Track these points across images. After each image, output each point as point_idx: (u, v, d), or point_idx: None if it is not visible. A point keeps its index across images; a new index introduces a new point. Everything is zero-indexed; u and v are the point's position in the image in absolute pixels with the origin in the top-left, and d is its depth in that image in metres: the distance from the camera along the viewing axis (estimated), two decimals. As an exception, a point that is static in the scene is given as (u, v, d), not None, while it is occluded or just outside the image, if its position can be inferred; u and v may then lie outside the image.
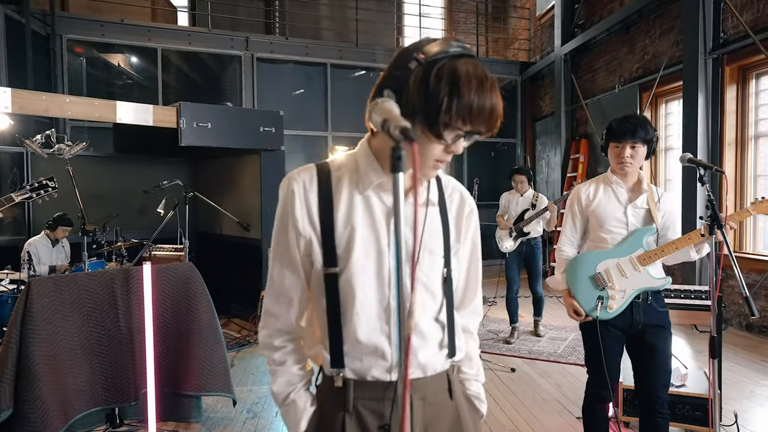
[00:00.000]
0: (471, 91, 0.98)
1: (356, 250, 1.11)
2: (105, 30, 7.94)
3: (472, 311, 1.35)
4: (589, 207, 2.40)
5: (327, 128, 9.06)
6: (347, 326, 1.12)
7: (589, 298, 2.32)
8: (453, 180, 1.28)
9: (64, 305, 2.89)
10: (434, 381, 1.19)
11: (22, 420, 2.69)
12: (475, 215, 1.28)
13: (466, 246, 1.28)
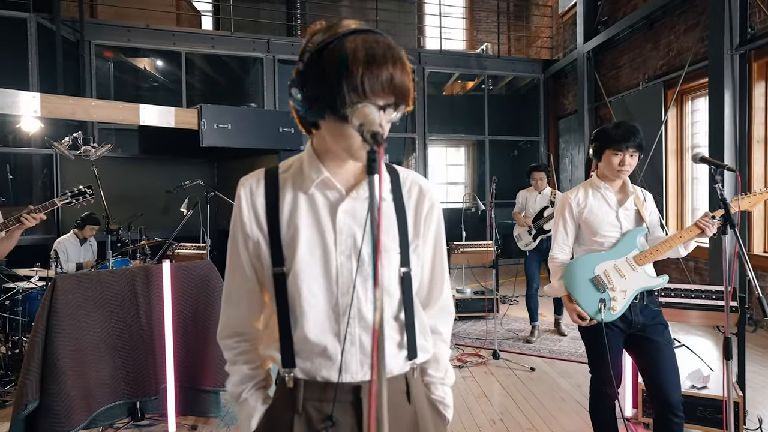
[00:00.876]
0: (359, 66, 0.95)
1: (300, 248, 1.10)
2: (131, 35, 8.13)
3: (441, 309, 1.28)
4: (582, 214, 2.41)
5: (348, 129, 9.11)
6: (296, 326, 1.11)
7: (592, 301, 2.31)
8: (413, 174, 1.23)
9: (88, 301, 2.98)
10: (391, 384, 1.14)
11: (47, 412, 2.78)
12: (437, 210, 1.22)
13: (427, 242, 1.22)
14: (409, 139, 9.82)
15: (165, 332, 3.08)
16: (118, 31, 8.08)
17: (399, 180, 1.18)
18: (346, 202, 1.11)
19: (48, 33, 7.25)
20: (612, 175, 2.35)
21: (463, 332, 5.37)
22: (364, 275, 1.10)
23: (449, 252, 6.01)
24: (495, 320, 4.97)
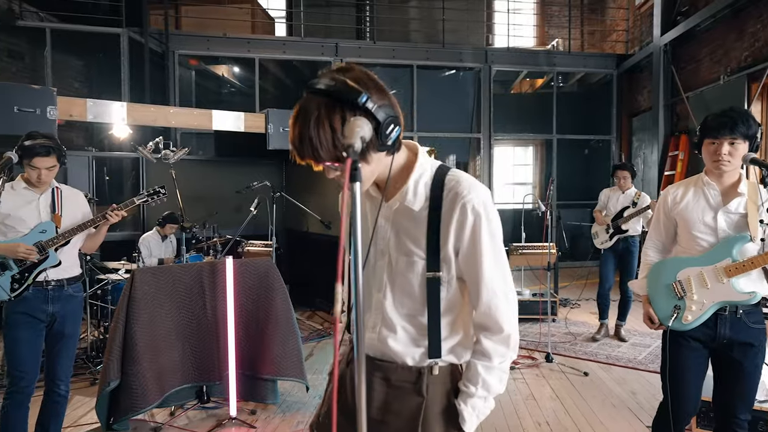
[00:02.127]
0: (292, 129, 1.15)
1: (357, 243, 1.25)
2: (210, 44, 8.70)
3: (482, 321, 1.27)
4: (676, 210, 2.24)
5: (413, 128, 9.23)
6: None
7: (665, 306, 2.20)
8: (459, 179, 1.25)
9: (161, 293, 3.31)
10: (402, 371, 1.30)
11: (126, 390, 3.13)
12: (472, 217, 1.21)
13: (462, 249, 1.25)
14: (474, 139, 9.78)
15: (228, 323, 3.36)
16: (199, 41, 8.67)
17: (443, 186, 1.24)
18: (385, 209, 1.28)
19: (138, 46, 7.94)
20: (711, 167, 2.14)
21: (519, 334, 5.34)
22: (391, 276, 1.29)
23: (508, 253, 5.99)
24: (551, 323, 4.92)
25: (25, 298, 2.63)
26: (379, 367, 1.31)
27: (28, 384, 2.63)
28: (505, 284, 1.27)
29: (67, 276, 2.77)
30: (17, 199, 2.65)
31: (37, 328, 2.67)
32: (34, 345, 2.66)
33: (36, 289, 2.65)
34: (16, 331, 2.62)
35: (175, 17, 9.22)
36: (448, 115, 9.74)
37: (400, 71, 9.32)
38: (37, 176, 2.61)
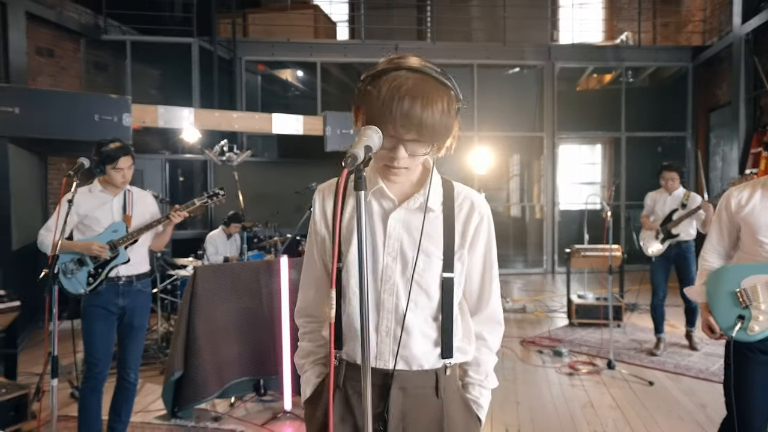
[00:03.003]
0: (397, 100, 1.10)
1: (353, 248, 1.25)
2: (275, 50, 9.00)
3: (487, 318, 1.36)
4: (740, 213, 2.11)
5: (473, 128, 9.12)
6: (344, 314, 1.28)
7: (728, 315, 2.07)
8: (467, 190, 1.34)
9: (221, 289, 3.48)
10: (418, 376, 1.27)
11: (189, 380, 3.31)
12: (486, 223, 1.31)
13: (476, 253, 1.32)
14: (537, 138, 9.53)
15: (282, 319, 3.47)
16: (264, 47, 8.99)
17: (453, 194, 1.31)
18: (398, 211, 1.26)
19: (207, 54, 8.34)
20: None
21: (579, 339, 5.16)
22: (406, 276, 1.25)
23: (569, 256, 5.79)
24: (614, 329, 4.71)
25: (99, 293, 2.84)
26: (395, 378, 1.26)
27: (102, 370, 2.84)
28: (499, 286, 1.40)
29: (137, 272, 2.95)
30: (94, 201, 2.87)
31: (110, 320, 2.87)
32: (107, 335, 2.87)
33: (109, 284, 2.85)
34: (92, 322, 2.83)
35: (242, 25, 9.61)
36: (509, 115, 9.56)
37: (460, 71, 9.24)
38: (122, 176, 2.82)
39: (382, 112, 1.11)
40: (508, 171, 10.54)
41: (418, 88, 1.12)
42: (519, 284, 8.37)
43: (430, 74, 1.15)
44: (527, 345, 5.03)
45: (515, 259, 9.85)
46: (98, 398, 2.85)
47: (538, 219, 9.79)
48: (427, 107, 1.11)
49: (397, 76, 1.12)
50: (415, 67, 1.15)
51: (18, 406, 3.24)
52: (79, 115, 4.45)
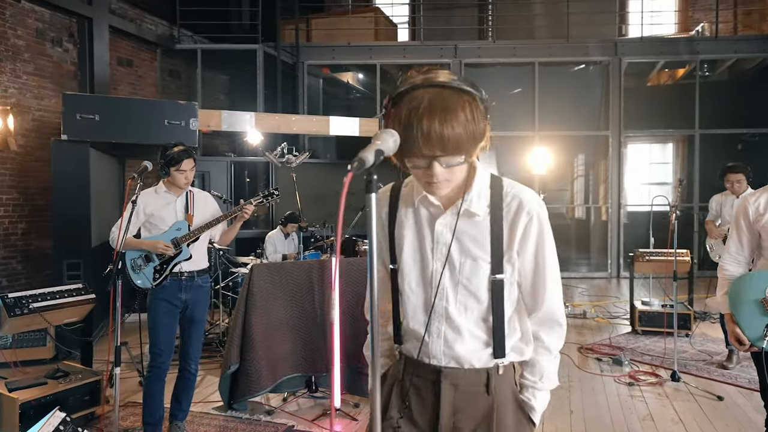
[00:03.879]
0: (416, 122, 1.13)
1: (405, 252, 1.34)
2: (335, 53, 9.18)
3: (543, 318, 1.36)
4: (759, 221, 2.10)
5: (534, 128, 8.91)
6: (401, 314, 1.37)
7: (755, 325, 2.02)
8: (517, 188, 1.31)
9: (275, 287, 3.61)
10: (470, 374, 1.32)
11: (244, 374, 3.46)
12: (536, 222, 1.29)
13: (526, 252, 1.31)
14: (603, 137, 9.16)
15: (333, 318, 3.56)
16: (325, 51, 9.20)
17: (502, 193, 1.31)
18: (444, 216, 1.30)
19: (271, 59, 8.64)
20: None
21: (642, 348, 4.92)
22: (454, 280, 1.30)
23: (632, 260, 5.54)
24: (681, 338, 4.46)
25: (164, 287, 3.03)
26: (446, 375, 1.32)
27: (165, 360, 3.02)
28: (559, 285, 1.38)
29: (197, 268, 3.12)
30: (159, 201, 3.07)
31: (173, 313, 3.06)
32: (170, 327, 3.06)
33: (172, 279, 3.04)
34: (156, 315, 3.02)
35: (305, 30, 9.87)
36: (572, 113, 9.25)
37: (520, 70, 9.05)
38: (184, 178, 3.01)
39: (407, 135, 1.14)
40: (572, 171, 10.20)
41: (435, 104, 1.14)
42: (581, 289, 8.08)
43: (447, 86, 1.16)
44: (585, 352, 4.86)
45: (578, 263, 9.52)
46: (161, 386, 3.04)
47: (603, 221, 9.42)
48: (446, 122, 1.13)
49: (414, 97, 1.15)
50: (432, 82, 1.16)
51: (92, 391, 3.50)
52: (151, 120, 4.75)
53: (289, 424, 3.40)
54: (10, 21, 6.26)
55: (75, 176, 4.66)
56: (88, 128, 4.60)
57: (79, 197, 4.70)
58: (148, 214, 3.04)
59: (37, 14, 6.60)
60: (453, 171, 1.21)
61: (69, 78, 7.02)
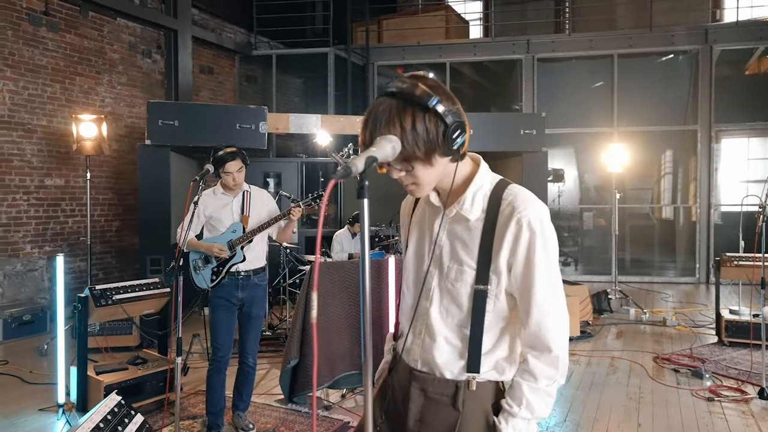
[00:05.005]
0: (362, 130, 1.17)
1: (409, 250, 1.37)
2: (405, 53, 9.22)
3: (531, 339, 1.23)
4: None
5: (613, 124, 8.46)
6: (400, 310, 1.41)
7: None
8: (516, 193, 1.23)
9: (333, 285, 3.69)
10: (439, 383, 1.28)
11: (303, 369, 3.57)
12: (527, 231, 1.18)
13: (516, 263, 1.21)
14: (690, 132, 8.53)
15: (389, 316, 3.58)
16: (395, 51, 9.26)
17: (500, 198, 1.24)
18: (441, 217, 1.29)
19: (342, 61, 8.83)
20: None
21: (728, 360, 4.54)
22: (441, 283, 1.28)
23: (719, 264, 5.12)
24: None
25: (223, 286, 3.16)
26: (417, 378, 1.30)
27: (224, 354, 3.17)
28: (557, 304, 1.23)
29: (254, 267, 3.23)
30: (217, 203, 3.20)
31: (232, 310, 3.19)
32: (229, 323, 3.19)
33: (230, 278, 3.16)
34: (217, 312, 3.16)
35: (377, 32, 10.00)
36: (655, 107, 8.68)
37: (597, 63, 8.62)
38: (231, 179, 3.10)
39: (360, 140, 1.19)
40: (658, 169, 9.58)
41: (376, 112, 1.15)
42: (665, 294, 7.58)
43: (395, 95, 1.14)
44: (661, 362, 4.56)
45: (663, 266, 8.93)
46: (222, 378, 3.19)
47: (692, 222, 8.77)
48: (376, 131, 1.13)
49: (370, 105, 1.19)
50: (384, 91, 1.17)
51: (166, 379, 3.77)
52: (224, 124, 5.02)
53: (345, 421, 3.46)
54: (107, 37, 6.85)
55: (157, 178, 5.02)
56: (168, 133, 4.93)
57: (160, 197, 5.05)
58: (208, 216, 3.16)
59: (130, 29, 7.17)
60: (415, 175, 1.19)
61: (157, 86, 7.56)
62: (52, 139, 6.18)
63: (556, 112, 8.60)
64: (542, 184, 5.75)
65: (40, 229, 6.16)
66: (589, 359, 4.72)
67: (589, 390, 4.00)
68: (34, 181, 6.07)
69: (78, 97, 6.47)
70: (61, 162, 6.28)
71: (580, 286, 5.91)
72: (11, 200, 5.86)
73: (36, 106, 6.05)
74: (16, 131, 5.88)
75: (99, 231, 6.76)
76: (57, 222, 6.32)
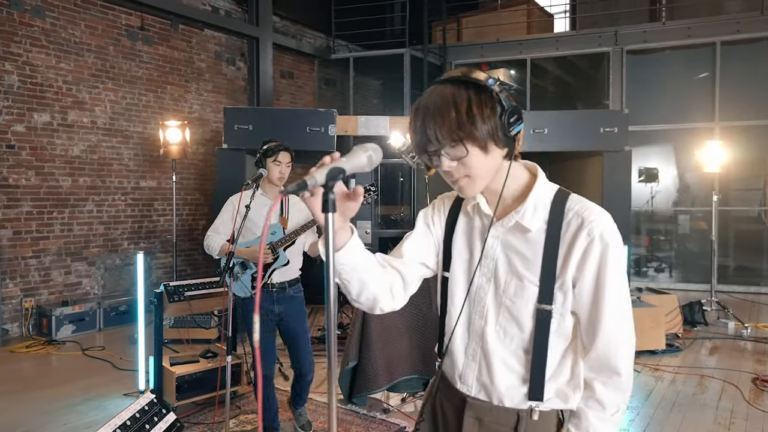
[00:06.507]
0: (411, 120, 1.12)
1: (454, 262, 1.23)
2: (484, 51, 9.00)
3: (597, 363, 1.14)
4: None
5: (714, 118, 7.72)
6: (445, 327, 1.26)
7: None
8: (582, 204, 1.14)
9: (392, 288, 3.66)
10: (498, 411, 1.17)
11: (362, 371, 3.58)
12: (598, 245, 1.09)
13: (584, 280, 1.11)
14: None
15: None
16: (473, 49, 9.07)
17: (564, 208, 1.15)
18: (495, 228, 1.18)
19: (418, 62, 8.79)
20: None
21: (844, 387, 3.97)
22: (498, 300, 1.17)
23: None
24: None
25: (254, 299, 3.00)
26: (471, 406, 1.20)
27: (267, 371, 3.05)
28: (628, 325, 1.14)
29: (289, 278, 3.06)
30: (256, 204, 3.02)
31: (269, 324, 3.04)
32: (268, 338, 3.05)
33: (264, 290, 2.96)
34: (251, 323, 2.96)
35: (456, 30, 9.84)
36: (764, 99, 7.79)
37: (695, 53, 7.90)
38: (279, 171, 2.96)
39: (412, 135, 1.13)
40: (767, 168, 8.62)
41: (428, 98, 1.09)
42: (774, 307, 6.80)
43: (445, 80, 1.10)
44: (762, 384, 4.08)
45: (773, 276, 8.02)
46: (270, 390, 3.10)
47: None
48: (437, 115, 1.06)
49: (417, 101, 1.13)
50: (436, 81, 1.13)
51: (234, 372, 3.92)
52: (295, 127, 5.15)
53: (402, 425, 3.42)
54: (195, 48, 7.30)
55: (233, 180, 5.24)
56: (243, 137, 5.14)
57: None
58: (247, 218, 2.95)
59: (216, 39, 7.59)
60: (467, 165, 1.09)
61: (240, 92, 7.95)
62: (146, 144, 6.68)
63: (647, 108, 8.00)
64: (625, 185, 5.35)
65: (136, 227, 6.68)
66: (675, 376, 4.33)
67: (671, 410, 3.66)
68: (131, 183, 6.60)
69: (169, 104, 6.95)
70: (154, 165, 6.78)
71: (669, 296, 5.44)
72: (111, 200, 6.41)
73: (132, 114, 6.58)
74: (115, 137, 6.43)
75: (187, 229, 7.22)
76: (150, 221, 6.83)
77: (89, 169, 6.18)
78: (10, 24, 5.46)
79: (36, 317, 5.68)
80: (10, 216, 5.54)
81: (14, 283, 5.59)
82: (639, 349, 4.80)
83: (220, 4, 7.60)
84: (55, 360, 4.95)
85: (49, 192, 5.85)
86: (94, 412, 3.69)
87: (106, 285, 6.42)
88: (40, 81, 5.72)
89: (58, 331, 5.51)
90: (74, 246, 6.08)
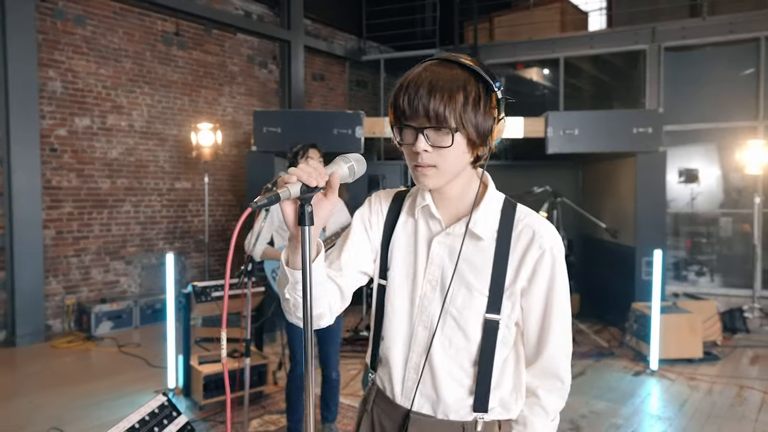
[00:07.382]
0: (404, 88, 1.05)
1: (394, 267, 1.17)
2: (516, 50, 8.87)
3: (542, 372, 1.14)
4: None
5: (758, 117, 7.39)
6: (383, 338, 1.19)
7: None
8: (531, 217, 1.13)
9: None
10: (442, 425, 1.13)
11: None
12: (549, 258, 1.09)
13: (533, 292, 1.11)
14: None
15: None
16: (505, 49, 8.95)
17: (513, 219, 1.13)
18: (442, 235, 1.14)
19: (449, 62, 8.73)
20: None
21: None
22: (444, 309, 1.12)
23: None
24: None
25: None
26: (415, 422, 1.14)
27: (302, 371, 3.13)
28: (569, 335, 1.17)
29: None
30: None
31: None
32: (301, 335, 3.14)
33: None
34: (291, 326, 3.06)
35: (488, 30, 9.73)
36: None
37: (737, 49, 7.59)
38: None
39: (395, 104, 1.07)
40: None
41: (428, 73, 1.04)
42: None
43: (451, 60, 1.05)
44: (804, 396, 3.89)
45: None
46: (299, 391, 3.10)
47: None
48: (435, 92, 1.02)
49: (413, 70, 1.08)
50: (434, 59, 1.08)
51: (261, 373, 4.00)
52: (322, 129, 5.20)
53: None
54: (228, 52, 7.46)
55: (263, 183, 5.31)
56: (272, 139, 5.22)
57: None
58: (280, 220, 3.08)
59: (249, 43, 7.74)
60: (442, 155, 1.04)
61: (272, 95, 8.07)
62: (181, 147, 6.86)
63: (687, 106, 7.73)
64: (660, 188, 5.19)
65: (171, 227, 6.87)
66: (711, 386, 4.17)
67: (705, 422, 3.53)
68: (166, 184, 6.79)
69: (202, 107, 7.12)
70: (188, 167, 6.96)
71: (707, 302, 5.26)
72: (147, 201, 6.62)
73: (168, 118, 6.76)
74: (151, 140, 6.63)
75: (220, 229, 7.38)
76: (184, 221, 7.01)
77: (126, 171, 6.39)
78: (53, 33, 5.70)
79: (77, 314, 5.92)
80: (53, 216, 5.78)
81: (57, 281, 5.84)
82: (674, 357, 4.65)
83: (252, 8, 7.73)
84: (93, 356, 5.14)
85: (89, 193, 6.08)
86: (126, 408, 3.81)
87: (143, 283, 6.62)
88: (81, 86, 5.95)
89: (97, 328, 5.72)
90: (112, 245, 6.30)
